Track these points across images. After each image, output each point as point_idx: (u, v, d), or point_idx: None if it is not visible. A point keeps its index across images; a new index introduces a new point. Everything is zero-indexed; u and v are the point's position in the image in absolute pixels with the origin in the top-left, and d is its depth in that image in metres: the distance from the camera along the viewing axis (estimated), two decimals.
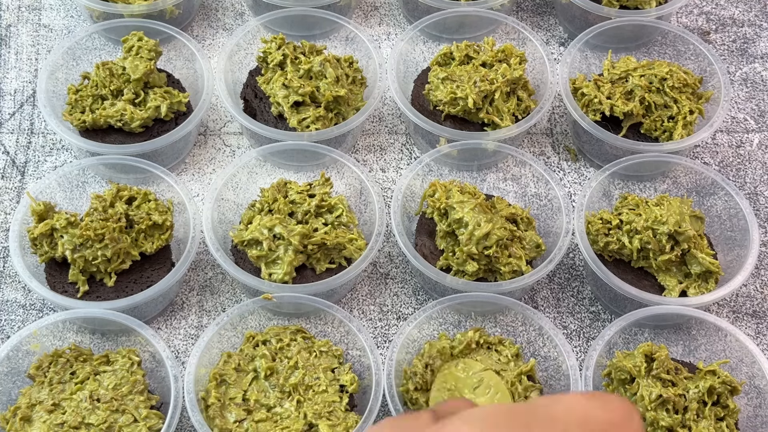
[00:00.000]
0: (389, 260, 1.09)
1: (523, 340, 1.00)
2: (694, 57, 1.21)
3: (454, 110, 1.13)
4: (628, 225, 1.03)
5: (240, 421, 0.90)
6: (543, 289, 1.08)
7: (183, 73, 1.20)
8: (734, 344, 0.98)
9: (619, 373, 0.94)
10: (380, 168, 1.17)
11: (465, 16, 1.24)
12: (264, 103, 1.15)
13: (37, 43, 1.26)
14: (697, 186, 1.11)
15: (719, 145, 1.21)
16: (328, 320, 1.00)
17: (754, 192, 1.17)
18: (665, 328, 1.03)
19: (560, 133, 1.22)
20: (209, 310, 1.04)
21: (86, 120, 1.10)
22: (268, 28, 1.25)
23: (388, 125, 1.21)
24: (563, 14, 1.32)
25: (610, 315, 1.06)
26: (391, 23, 1.32)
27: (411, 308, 1.06)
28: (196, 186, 1.14)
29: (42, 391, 0.91)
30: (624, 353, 0.95)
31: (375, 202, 1.05)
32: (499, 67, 1.15)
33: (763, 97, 1.26)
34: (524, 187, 1.13)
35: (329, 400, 0.92)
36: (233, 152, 1.18)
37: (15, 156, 1.15)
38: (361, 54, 1.20)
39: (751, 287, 1.09)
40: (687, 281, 1.02)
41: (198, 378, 0.92)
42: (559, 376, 0.96)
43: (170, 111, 1.13)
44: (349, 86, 1.15)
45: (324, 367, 0.95)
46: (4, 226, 1.09)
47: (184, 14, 1.26)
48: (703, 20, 1.34)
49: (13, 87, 1.22)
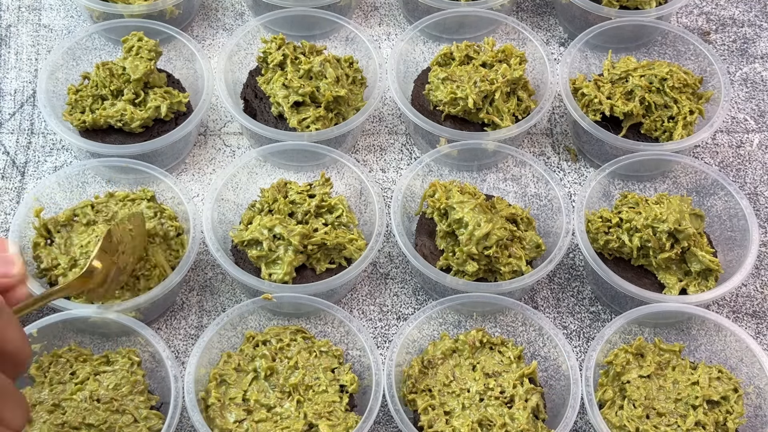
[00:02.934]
0: (389, 260, 1.09)
1: (523, 340, 1.00)
2: (694, 57, 1.21)
3: (454, 110, 1.13)
4: (628, 223, 1.03)
5: (240, 421, 0.90)
6: (543, 289, 1.08)
7: (183, 73, 1.20)
8: (734, 343, 0.98)
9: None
10: (380, 168, 1.17)
11: (465, 16, 1.24)
12: (264, 103, 1.15)
13: (37, 43, 1.26)
14: (697, 186, 1.11)
15: (719, 145, 1.21)
16: (328, 320, 1.00)
17: (754, 192, 1.17)
18: (665, 326, 1.03)
19: (560, 133, 1.22)
20: (209, 310, 1.04)
21: (86, 120, 1.10)
22: (268, 28, 1.25)
23: (388, 125, 1.21)
24: (563, 14, 1.32)
25: (611, 315, 1.06)
26: (391, 23, 1.32)
27: (411, 308, 1.06)
28: (196, 186, 1.14)
29: (42, 392, 0.91)
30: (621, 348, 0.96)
31: (375, 202, 1.05)
32: (499, 67, 1.15)
33: (763, 97, 1.26)
34: (524, 187, 1.13)
35: (329, 400, 0.92)
36: (233, 152, 1.18)
37: (15, 156, 1.15)
38: (361, 54, 1.20)
39: (751, 287, 1.09)
40: (687, 279, 1.02)
41: (198, 378, 0.92)
42: (559, 377, 0.96)
43: (170, 111, 1.13)
44: (349, 86, 1.15)
45: (324, 367, 0.95)
46: (4, 226, 1.09)
47: (184, 14, 1.26)
48: (703, 20, 1.34)
49: (13, 87, 1.22)
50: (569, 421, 0.90)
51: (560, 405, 0.94)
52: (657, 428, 0.91)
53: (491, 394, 0.93)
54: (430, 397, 0.93)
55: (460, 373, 0.95)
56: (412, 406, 0.93)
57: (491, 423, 0.90)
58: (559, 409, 0.93)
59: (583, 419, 0.98)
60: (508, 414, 0.91)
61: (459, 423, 0.90)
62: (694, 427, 0.91)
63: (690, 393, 0.93)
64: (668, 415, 0.92)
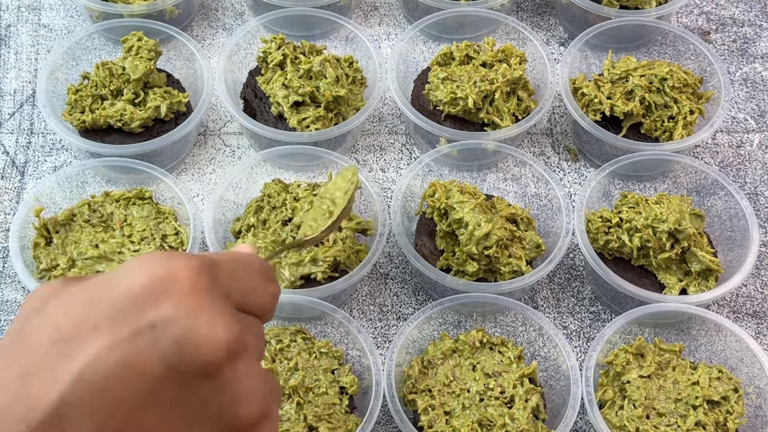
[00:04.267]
0: (389, 260, 1.09)
1: (523, 340, 1.00)
2: (694, 57, 1.21)
3: (454, 110, 1.13)
4: (628, 223, 1.03)
5: None
6: (543, 289, 1.08)
7: (183, 73, 1.20)
8: (734, 343, 0.98)
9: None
10: (380, 168, 1.17)
11: (465, 16, 1.24)
12: (264, 103, 1.15)
13: (36, 43, 1.26)
14: (697, 186, 1.11)
15: (719, 145, 1.21)
16: (327, 321, 1.00)
17: (754, 192, 1.17)
18: (665, 326, 1.03)
19: (560, 133, 1.22)
20: None
21: (86, 120, 1.10)
22: (268, 28, 1.25)
23: (388, 125, 1.21)
24: (563, 14, 1.32)
25: (611, 315, 1.06)
26: (391, 23, 1.32)
27: (411, 308, 1.06)
28: (196, 186, 1.14)
29: None
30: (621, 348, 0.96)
31: (375, 203, 1.05)
32: (499, 67, 1.15)
33: (763, 97, 1.26)
34: (524, 187, 1.13)
35: (329, 402, 0.92)
36: (233, 152, 1.18)
37: (15, 156, 1.15)
38: (361, 54, 1.20)
39: (751, 287, 1.09)
40: (687, 279, 1.02)
41: None
42: (559, 377, 0.96)
43: (170, 111, 1.12)
44: (349, 86, 1.15)
45: (324, 368, 0.95)
46: (4, 226, 1.09)
47: (184, 14, 1.26)
48: (703, 20, 1.34)
49: (13, 87, 1.22)
50: (569, 421, 0.89)
51: (560, 405, 0.94)
52: (657, 428, 0.91)
53: (491, 394, 0.93)
54: (430, 398, 0.93)
55: (460, 373, 0.95)
56: (412, 406, 0.93)
57: (491, 423, 0.90)
58: (559, 409, 0.93)
59: (583, 419, 0.98)
60: (508, 414, 0.91)
61: (459, 423, 0.90)
62: (694, 427, 0.91)
63: (690, 393, 0.93)
64: (668, 415, 0.92)
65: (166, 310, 0.45)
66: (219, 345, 0.45)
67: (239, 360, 0.46)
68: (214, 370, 0.45)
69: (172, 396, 0.44)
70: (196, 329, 0.45)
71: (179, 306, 0.45)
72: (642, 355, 0.96)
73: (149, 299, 0.45)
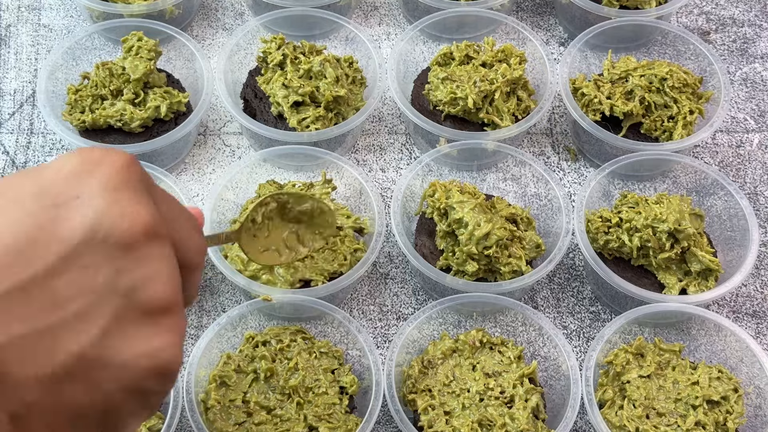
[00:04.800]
0: (389, 260, 1.09)
1: (523, 340, 1.00)
2: (694, 57, 1.21)
3: (454, 110, 1.13)
4: (627, 223, 1.03)
5: (240, 424, 0.90)
6: (543, 289, 1.08)
7: (183, 73, 1.20)
8: (734, 343, 0.98)
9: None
10: (380, 168, 1.17)
11: (465, 16, 1.24)
12: (264, 103, 1.15)
13: (36, 43, 1.26)
14: (697, 186, 1.11)
15: (719, 145, 1.21)
16: (327, 320, 1.00)
17: (754, 192, 1.17)
18: (665, 326, 1.03)
19: (560, 133, 1.22)
20: (209, 311, 1.04)
21: (86, 120, 1.10)
22: (268, 28, 1.25)
23: (388, 125, 1.21)
24: (563, 14, 1.32)
25: (611, 315, 1.06)
26: (391, 23, 1.32)
27: (411, 308, 1.06)
28: (195, 186, 1.14)
29: None
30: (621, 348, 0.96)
31: (375, 203, 1.05)
32: (499, 67, 1.15)
33: (763, 97, 1.26)
34: (524, 187, 1.13)
35: (329, 402, 0.92)
36: (233, 152, 1.18)
37: (15, 156, 1.15)
38: (361, 54, 1.20)
39: (751, 287, 1.09)
40: (687, 279, 1.02)
41: (198, 380, 0.92)
42: (559, 376, 0.96)
43: (170, 111, 1.13)
44: (349, 86, 1.15)
45: (324, 368, 0.95)
46: None
47: (184, 14, 1.26)
48: (703, 20, 1.34)
49: (13, 87, 1.22)
50: (569, 421, 0.90)
51: (560, 405, 0.94)
52: (657, 428, 0.91)
53: (491, 394, 0.93)
54: (430, 397, 0.93)
55: (460, 373, 0.95)
56: (412, 406, 0.93)
57: (491, 423, 0.90)
58: (559, 409, 0.93)
59: (583, 419, 0.98)
60: (508, 414, 0.91)
61: (459, 423, 0.90)
62: (694, 427, 0.91)
63: (690, 393, 0.93)
64: (668, 415, 0.92)
65: (94, 185, 0.46)
66: (139, 220, 0.46)
67: (156, 242, 0.47)
68: (130, 243, 0.46)
69: (86, 262, 0.45)
70: (119, 204, 0.46)
71: (107, 183, 0.46)
72: (642, 355, 0.96)
73: (79, 176, 0.47)
